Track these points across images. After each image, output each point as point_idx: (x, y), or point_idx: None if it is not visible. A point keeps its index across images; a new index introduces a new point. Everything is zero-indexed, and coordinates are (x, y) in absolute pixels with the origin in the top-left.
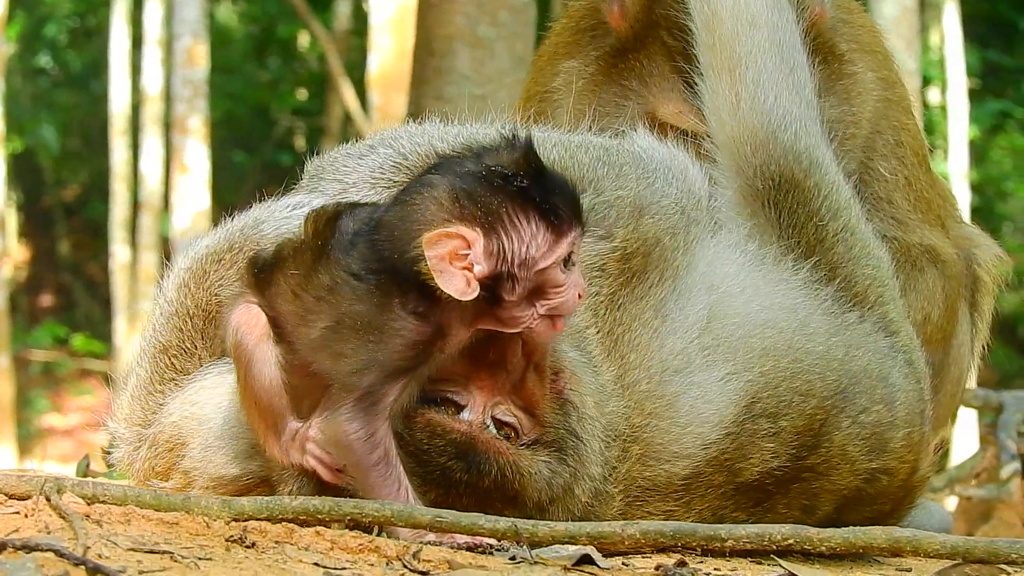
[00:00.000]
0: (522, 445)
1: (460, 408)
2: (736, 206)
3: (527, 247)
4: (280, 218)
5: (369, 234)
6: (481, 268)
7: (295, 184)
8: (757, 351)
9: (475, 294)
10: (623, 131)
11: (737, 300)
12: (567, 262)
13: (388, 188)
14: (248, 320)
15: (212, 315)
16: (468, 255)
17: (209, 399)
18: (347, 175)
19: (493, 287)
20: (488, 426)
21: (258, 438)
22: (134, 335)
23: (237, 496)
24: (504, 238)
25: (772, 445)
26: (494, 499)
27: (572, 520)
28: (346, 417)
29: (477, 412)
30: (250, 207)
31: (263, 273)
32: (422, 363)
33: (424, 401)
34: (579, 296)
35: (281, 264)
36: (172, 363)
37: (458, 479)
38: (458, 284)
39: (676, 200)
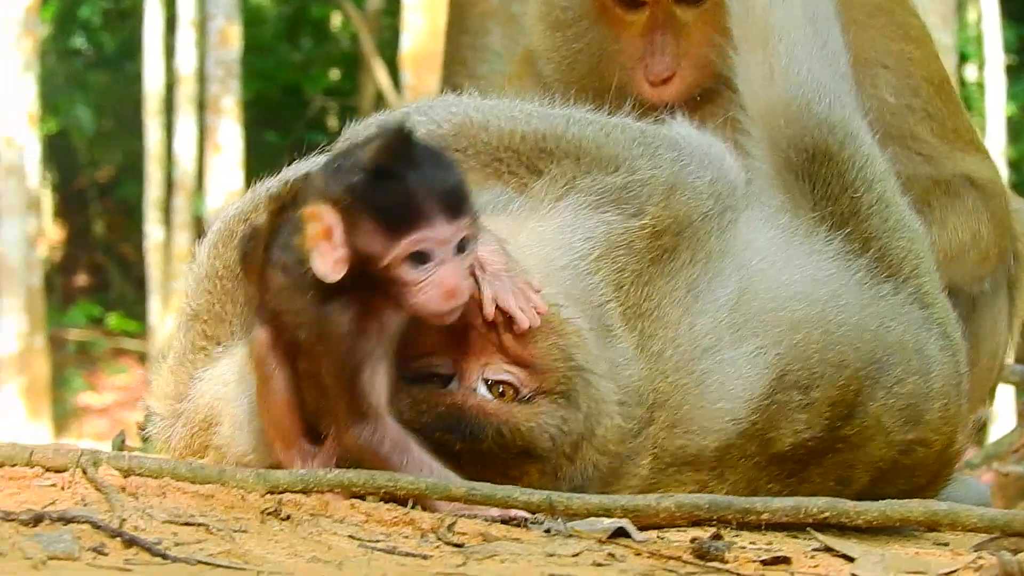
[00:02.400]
0: (523, 399)
1: (448, 380)
2: (769, 179)
3: (371, 241)
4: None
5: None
6: (341, 253)
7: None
8: (787, 324)
9: (336, 277)
10: (663, 118)
11: (768, 274)
12: (420, 260)
13: None
14: (267, 338)
15: (240, 276)
16: (333, 238)
17: (238, 377)
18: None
19: (360, 272)
20: (476, 390)
21: (272, 446)
22: (168, 314)
23: None
24: (354, 228)
25: (805, 416)
26: (507, 458)
27: (608, 468)
28: (351, 425)
29: (468, 379)
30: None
31: (243, 258)
32: (375, 348)
33: (411, 380)
34: (450, 295)
35: (254, 255)
36: (203, 330)
37: (459, 450)
38: (322, 264)
39: (710, 184)
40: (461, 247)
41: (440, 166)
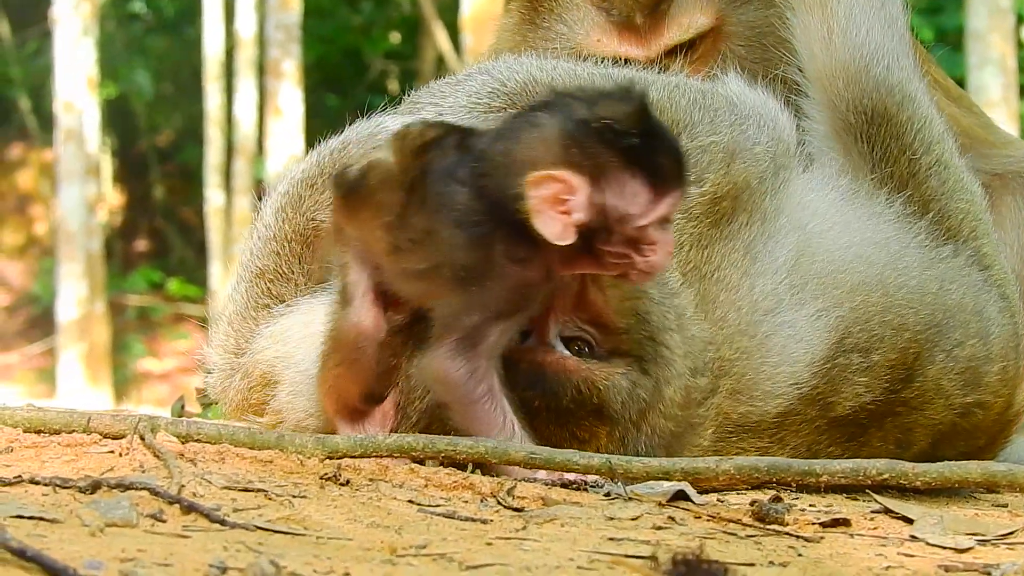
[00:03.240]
0: (598, 358)
1: (525, 336)
2: (828, 140)
3: (628, 204)
4: (367, 137)
5: (470, 169)
6: (580, 216)
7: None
8: (847, 286)
9: (570, 240)
10: (716, 75)
11: (827, 237)
12: (664, 221)
13: (485, 113)
14: (368, 329)
15: (309, 240)
16: (569, 201)
17: (298, 341)
18: (443, 99)
19: (589, 236)
20: (555, 347)
21: (325, 408)
22: (229, 279)
23: None
24: (607, 191)
25: (865, 379)
26: (580, 417)
27: (672, 435)
28: (447, 355)
29: (545, 335)
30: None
31: (350, 198)
32: (526, 307)
33: None
34: (669, 253)
35: (368, 194)
36: (268, 288)
37: (537, 406)
38: (555, 228)
39: (767, 146)
40: None
41: (670, 133)
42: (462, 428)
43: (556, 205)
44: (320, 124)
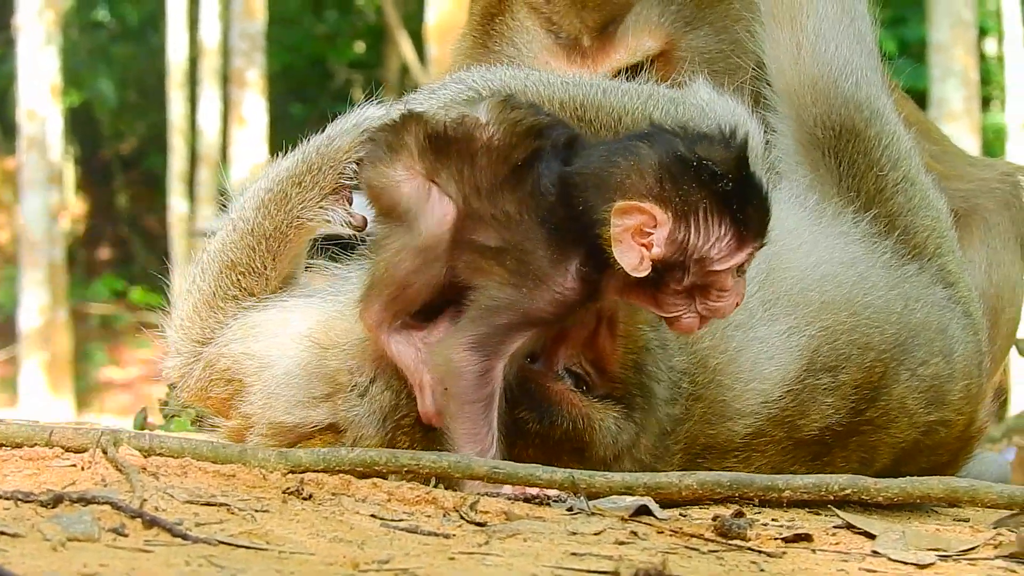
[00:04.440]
0: (593, 398)
1: (534, 357)
2: (795, 156)
3: (711, 246)
4: (351, 128)
5: (568, 179)
6: (659, 251)
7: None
8: (816, 305)
9: (645, 273)
10: (685, 83)
11: (797, 254)
12: (740, 269)
13: None
14: (435, 207)
15: (288, 238)
16: (651, 235)
17: (274, 340)
18: (416, 104)
19: (662, 271)
20: (563, 377)
21: (375, 311)
22: (192, 265)
23: (297, 442)
24: (692, 231)
25: (832, 399)
26: (562, 451)
27: (641, 468)
28: (469, 345)
29: (552, 363)
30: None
31: (440, 141)
32: (561, 320)
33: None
34: (737, 304)
35: (464, 151)
36: (238, 280)
37: (530, 429)
38: (632, 259)
39: None
40: None
41: (760, 184)
42: (448, 420)
43: (638, 236)
44: (284, 133)
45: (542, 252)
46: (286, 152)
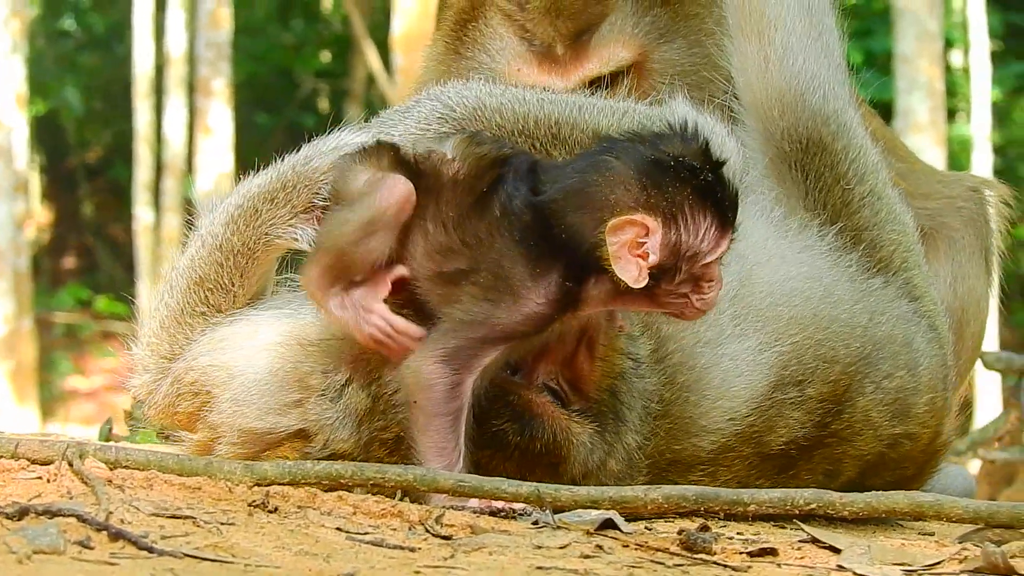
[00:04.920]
0: (571, 412)
1: (514, 369)
2: (763, 169)
3: (700, 241)
4: (330, 151)
5: (544, 205)
6: (655, 258)
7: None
8: (785, 320)
9: (645, 282)
10: (664, 100)
11: (765, 269)
12: (721, 259)
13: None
14: (402, 198)
15: (256, 255)
16: (645, 244)
17: (241, 351)
18: (392, 127)
19: (658, 275)
20: (543, 391)
21: (315, 276)
22: (160, 282)
23: (267, 450)
24: (682, 230)
25: (798, 414)
26: (538, 465)
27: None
28: (440, 358)
29: (533, 376)
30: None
31: (410, 175)
32: (535, 335)
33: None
34: (719, 292)
35: (431, 185)
36: (206, 297)
37: (510, 441)
38: (633, 272)
39: None
40: None
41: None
42: (416, 433)
43: (634, 249)
44: (250, 142)
45: (519, 269)
46: (253, 161)
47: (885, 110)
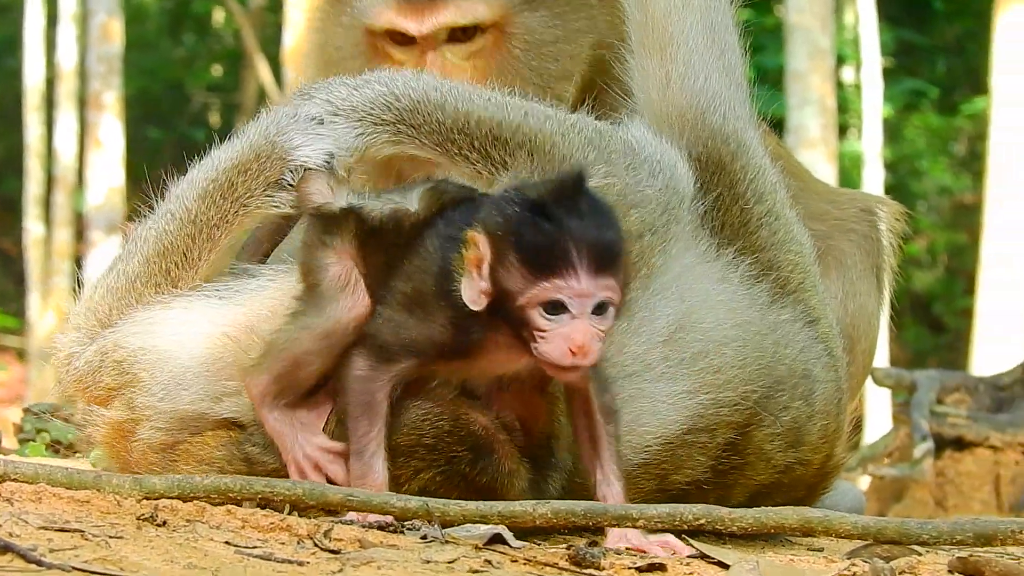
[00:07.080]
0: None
1: (474, 397)
2: None
3: (509, 277)
4: (304, 123)
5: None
6: (485, 285)
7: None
8: (713, 370)
9: (479, 307)
10: (621, 119)
11: (700, 311)
12: (554, 309)
13: (374, 125)
14: (360, 316)
15: (233, 227)
16: (482, 268)
17: (174, 336)
18: (339, 99)
19: (500, 307)
20: (503, 425)
21: (263, 382)
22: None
23: (193, 436)
24: (501, 261)
25: (703, 458)
26: (476, 494)
27: None
28: (360, 352)
29: (495, 406)
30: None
31: (368, 236)
32: (457, 356)
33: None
34: (571, 352)
35: (391, 239)
36: (168, 268)
37: (460, 470)
38: (469, 292)
39: (660, 195)
40: (600, 308)
41: (602, 221)
42: (346, 413)
43: (476, 268)
44: (141, 156)
45: (436, 283)
46: (144, 175)
47: (777, 126)
